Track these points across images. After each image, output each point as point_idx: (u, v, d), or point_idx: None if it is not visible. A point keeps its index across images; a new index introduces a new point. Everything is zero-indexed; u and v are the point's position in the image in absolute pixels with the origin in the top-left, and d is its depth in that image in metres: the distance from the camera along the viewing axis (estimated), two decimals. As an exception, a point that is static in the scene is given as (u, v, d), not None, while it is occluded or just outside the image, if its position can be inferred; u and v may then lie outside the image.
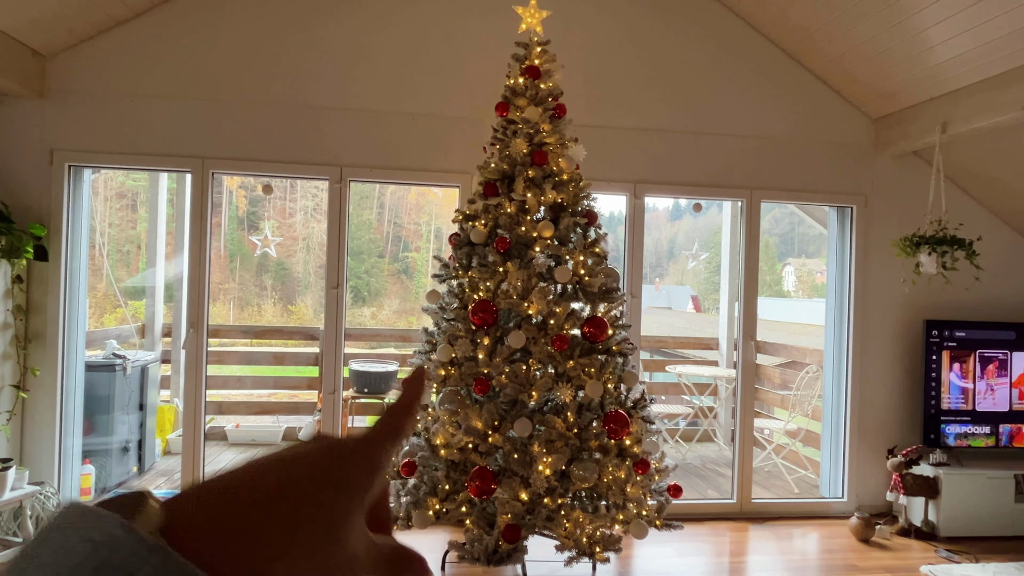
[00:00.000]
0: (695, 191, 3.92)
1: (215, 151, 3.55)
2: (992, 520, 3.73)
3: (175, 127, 3.53)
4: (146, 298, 5.38)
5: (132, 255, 17.42)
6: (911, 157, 4.07)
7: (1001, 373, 3.95)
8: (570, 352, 2.73)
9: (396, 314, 21.54)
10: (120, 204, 18.30)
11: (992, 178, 3.89)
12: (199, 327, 3.57)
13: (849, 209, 4.07)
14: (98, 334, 4.79)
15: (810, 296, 26.22)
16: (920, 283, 4.04)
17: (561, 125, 2.99)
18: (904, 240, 3.46)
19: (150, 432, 4.51)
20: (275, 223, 20.16)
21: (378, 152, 3.66)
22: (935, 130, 3.52)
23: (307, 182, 21.92)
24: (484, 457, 2.68)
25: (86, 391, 3.74)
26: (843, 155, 4.03)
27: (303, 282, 21.68)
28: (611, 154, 3.81)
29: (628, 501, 2.71)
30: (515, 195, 2.86)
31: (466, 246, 2.94)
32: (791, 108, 3.98)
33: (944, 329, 3.91)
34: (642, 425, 2.80)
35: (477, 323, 2.71)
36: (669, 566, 3.20)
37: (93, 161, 3.49)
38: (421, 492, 2.69)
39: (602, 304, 2.86)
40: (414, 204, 24.83)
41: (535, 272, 2.78)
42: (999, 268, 4.14)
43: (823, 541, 3.63)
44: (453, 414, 2.69)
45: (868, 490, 4.06)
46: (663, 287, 27.22)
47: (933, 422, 3.89)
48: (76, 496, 3.62)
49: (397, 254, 24.12)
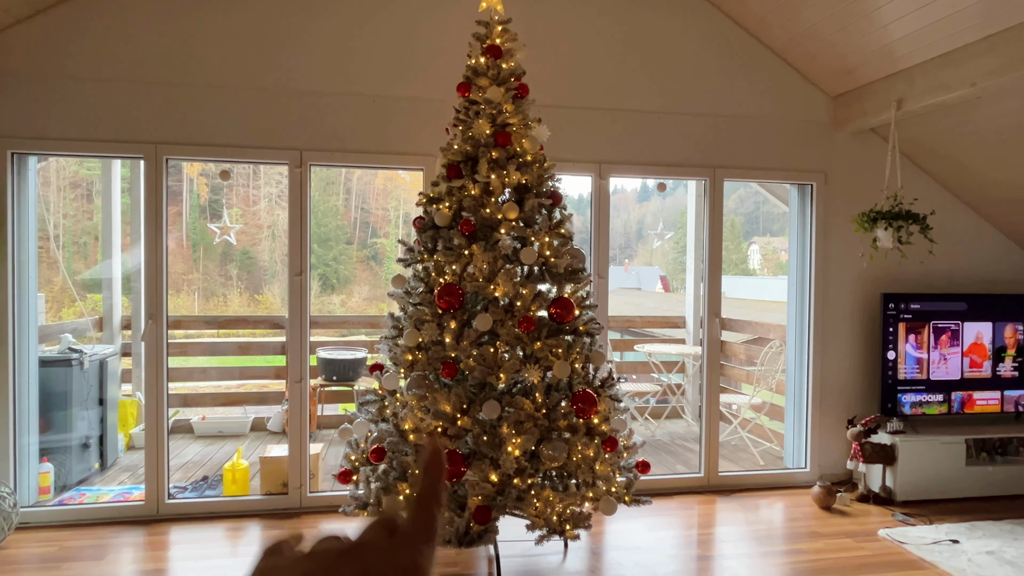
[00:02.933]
0: (660, 171, 3.94)
1: (169, 136, 3.43)
2: (945, 483, 3.88)
3: (125, 111, 3.40)
4: (103, 291, 5.22)
5: (89, 247, 16.86)
6: (869, 134, 4.16)
7: (953, 343, 4.10)
8: (537, 333, 2.74)
9: (366, 301, 21.32)
10: (74, 194, 17.64)
11: (944, 154, 3.99)
12: (158, 318, 3.48)
13: (809, 187, 4.15)
14: (53, 328, 4.63)
15: (775, 274, 26.77)
16: (877, 258, 4.15)
17: (524, 105, 2.96)
18: (862, 216, 3.54)
19: (111, 427, 4.40)
20: (238, 211, 19.70)
21: (339, 135, 3.58)
22: (891, 107, 3.59)
23: (270, 168, 21.43)
24: (453, 440, 2.67)
25: (41, 387, 3.62)
26: (803, 133, 4.09)
27: (270, 271, 21.28)
28: (575, 135, 3.80)
29: (597, 479, 2.75)
30: (479, 177, 2.84)
31: (431, 229, 2.91)
32: (753, 87, 4.02)
33: (900, 302, 4.03)
34: (610, 403, 2.83)
35: (443, 307, 2.69)
36: (639, 540, 3.27)
37: (38, 148, 3.35)
38: (391, 477, 2.68)
39: (568, 285, 2.87)
40: (382, 189, 24.51)
41: (501, 254, 2.77)
42: (951, 241, 4.27)
43: (787, 510, 3.74)
44: (421, 399, 2.68)
45: (830, 460, 4.19)
46: (632, 268, 27.50)
47: (890, 392, 4.02)
48: (34, 496, 3.52)
49: (366, 240, 23.82)
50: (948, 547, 3.20)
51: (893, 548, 3.22)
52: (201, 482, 4.05)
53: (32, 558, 3.00)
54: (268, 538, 0.29)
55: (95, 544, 3.15)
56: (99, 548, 3.11)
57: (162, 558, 3.01)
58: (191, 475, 4.25)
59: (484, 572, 2.92)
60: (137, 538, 3.23)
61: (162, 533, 3.29)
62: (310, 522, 3.45)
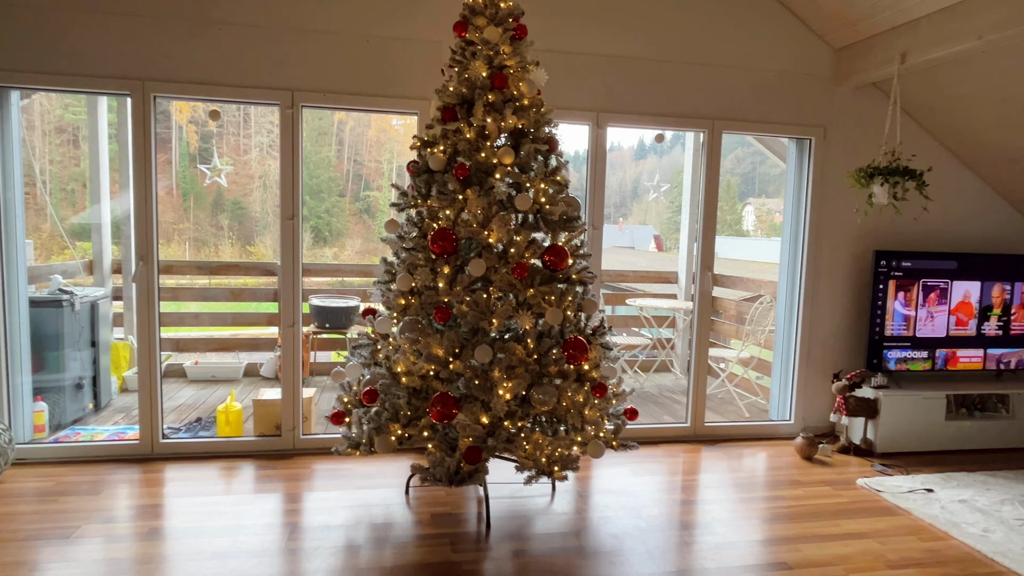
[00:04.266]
0: (658, 121, 3.88)
1: (156, 73, 3.34)
2: (924, 437, 3.99)
3: (112, 45, 3.29)
4: (92, 235, 5.16)
5: (77, 194, 16.59)
6: (870, 89, 4.10)
7: (941, 301, 4.14)
8: (530, 280, 2.74)
9: (359, 254, 21.23)
10: (60, 139, 17.26)
11: (945, 111, 3.95)
12: (149, 259, 3.45)
13: (808, 141, 4.11)
14: (42, 269, 4.59)
15: (768, 236, 26.81)
16: (872, 214, 4.16)
17: (522, 47, 2.89)
18: (859, 171, 3.52)
19: (104, 369, 4.41)
20: (228, 160, 19.35)
21: (331, 76, 3.49)
22: (895, 60, 3.53)
23: (260, 117, 20.97)
24: (445, 384, 2.71)
25: (33, 328, 3.61)
26: (805, 86, 4.03)
27: (261, 221, 21.08)
28: (573, 81, 3.73)
29: (586, 423, 2.80)
30: (475, 120, 2.79)
31: (424, 174, 2.88)
32: (756, 37, 3.93)
33: (892, 259, 4.05)
34: (600, 351, 2.86)
35: (437, 252, 2.68)
36: (625, 484, 3.35)
37: (20, 82, 3.24)
38: (383, 418, 2.72)
39: (563, 233, 2.86)
40: (375, 141, 24.11)
41: (495, 200, 2.75)
42: (946, 199, 4.27)
43: (770, 460, 3.84)
44: (414, 343, 2.70)
45: (813, 413, 4.28)
46: (626, 227, 27.44)
47: (876, 348, 4.08)
48: (29, 433, 3.55)
49: (358, 193, 23.56)
50: (923, 496, 3.31)
51: (870, 496, 3.33)
52: (195, 423, 4.10)
53: (30, 492, 3.05)
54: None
55: (91, 480, 3.21)
56: (95, 484, 3.16)
57: (158, 494, 3.07)
58: (184, 417, 4.29)
59: (473, 512, 3.00)
60: (132, 475, 3.29)
61: (157, 471, 3.35)
62: (303, 463, 3.52)
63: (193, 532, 2.70)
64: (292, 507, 2.98)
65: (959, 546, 2.81)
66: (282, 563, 2.49)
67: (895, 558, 2.69)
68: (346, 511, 2.95)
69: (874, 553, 2.72)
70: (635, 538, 2.79)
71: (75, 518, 2.79)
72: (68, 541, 2.60)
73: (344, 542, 2.67)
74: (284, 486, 3.21)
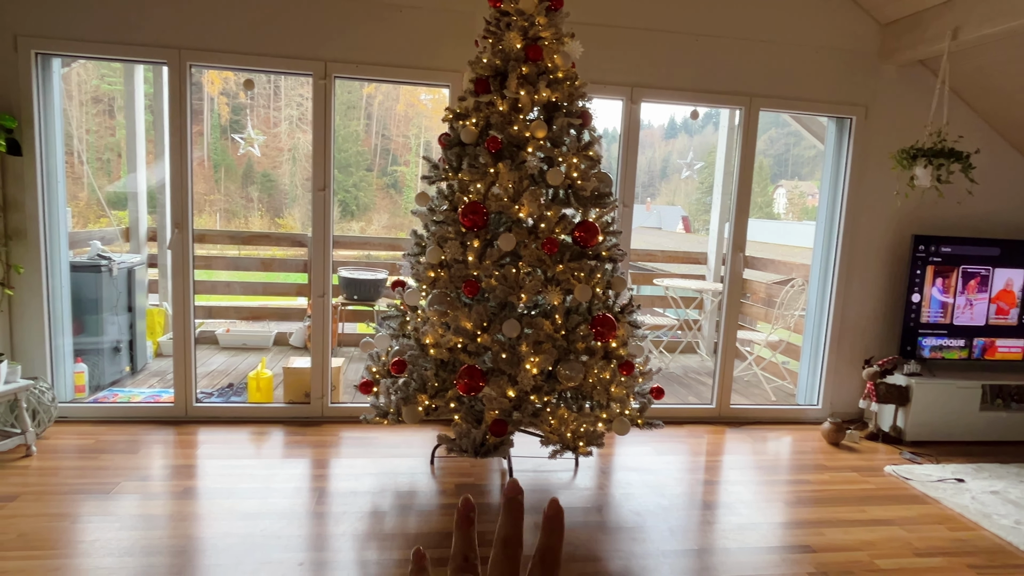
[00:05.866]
0: (694, 97, 3.80)
1: (193, 41, 3.36)
2: (957, 426, 3.91)
3: (150, 14, 3.31)
4: (129, 204, 5.27)
5: (113, 163, 16.92)
6: (916, 66, 3.95)
7: (982, 288, 4.02)
8: (560, 256, 2.73)
9: (385, 229, 21.36)
10: (96, 109, 17.57)
11: (997, 89, 3.79)
12: (184, 227, 3.51)
13: (848, 121, 3.99)
14: (82, 235, 4.71)
15: (800, 219, 26.25)
16: (912, 197, 4.03)
17: (557, 18, 2.84)
18: (901, 152, 3.41)
19: (140, 334, 4.54)
20: (259, 132, 19.55)
21: (364, 47, 3.48)
22: (946, 36, 3.39)
23: (290, 90, 21.06)
24: (473, 357, 2.72)
25: (73, 291, 3.72)
26: (847, 63, 3.90)
27: (290, 194, 21.30)
28: (608, 55, 3.66)
29: (612, 400, 2.80)
30: (508, 92, 2.76)
31: (456, 146, 2.87)
32: (797, 10, 3.80)
33: (931, 244, 3.94)
34: (628, 329, 2.84)
35: (467, 225, 2.68)
36: (648, 463, 3.36)
37: (62, 49, 3.30)
38: (411, 389, 2.76)
39: (594, 209, 2.83)
40: (403, 116, 24.08)
41: (527, 174, 2.73)
42: (992, 183, 4.12)
43: (796, 443, 3.81)
44: (442, 315, 2.72)
45: (842, 398, 4.22)
46: (654, 207, 27.09)
47: (911, 335, 3.99)
48: (70, 393, 3.68)
49: (386, 168, 23.63)
50: (953, 485, 3.26)
51: (898, 483, 3.28)
52: (227, 389, 4.21)
53: (71, 448, 3.18)
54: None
55: (129, 439, 3.32)
56: (132, 443, 3.27)
57: (191, 455, 3.17)
58: (216, 383, 4.40)
59: (497, 484, 3.04)
60: (167, 436, 3.39)
61: (190, 433, 3.45)
62: (331, 430, 3.59)
63: (225, 493, 2.79)
64: (320, 472, 3.05)
65: (990, 537, 2.77)
66: (310, 526, 2.56)
67: (922, 546, 2.66)
68: (372, 478, 3.01)
69: (900, 540, 2.69)
70: (657, 516, 2.80)
71: (114, 475, 2.90)
72: (108, 496, 2.70)
73: (370, 508, 2.73)
74: (312, 452, 3.28)
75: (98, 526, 2.46)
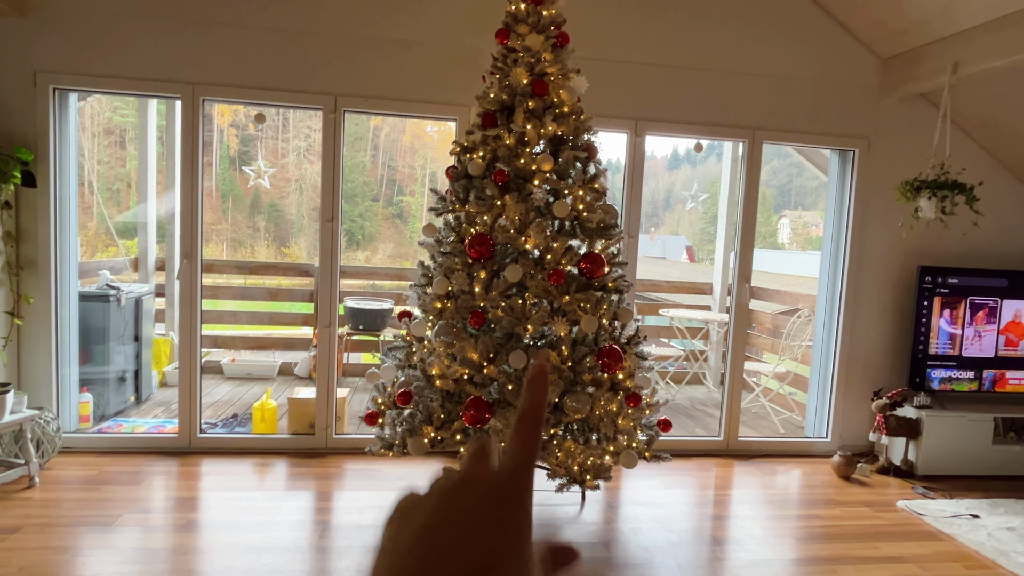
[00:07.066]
0: (697, 130, 3.85)
1: (206, 77, 3.44)
2: (969, 460, 3.85)
3: (164, 50, 3.40)
4: (138, 233, 5.33)
5: (123, 194, 17.15)
6: (918, 100, 4.00)
7: (990, 320, 4.00)
8: (566, 287, 2.74)
9: (391, 258, 21.47)
10: (108, 141, 17.87)
11: (998, 122, 3.83)
12: (192, 258, 3.55)
13: (851, 153, 4.02)
14: (91, 265, 4.75)
15: (804, 249, 26.27)
16: (917, 228, 4.04)
17: (563, 55, 2.90)
18: (905, 184, 3.43)
19: (146, 364, 4.54)
20: (269, 164, 19.81)
21: (373, 82, 3.55)
22: (946, 70, 3.44)
23: (299, 121, 21.40)
24: (479, 388, 2.71)
25: (81, 321, 3.74)
26: (849, 96, 3.95)
27: (296, 224, 21.49)
28: (612, 89, 3.72)
29: (619, 433, 2.77)
30: (514, 126, 2.80)
31: (463, 179, 2.90)
32: (799, 46, 3.87)
33: (938, 275, 3.93)
34: (635, 360, 2.83)
35: (474, 256, 2.70)
36: (655, 496, 3.31)
37: (79, 84, 3.38)
38: (416, 420, 2.74)
39: (600, 241, 2.85)
40: (409, 147, 24.40)
41: (533, 206, 2.75)
42: (997, 214, 4.13)
43: (805, 477, 3.75)
44: (449, 346, 2.71)
45: (852, 431, 4.17)
46: (658, 236, 27.19)
47: (919, 366, 3.96)
48: (75, 423, 3.67)
49: (392, 198, 23.85)
50: (968, 521, 3.19)
51: (911, 519, 3.22)
52: (231, 419, 4.19)
53: (75, 479, 3.15)
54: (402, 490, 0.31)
55: (132, 471, 3.30)
56: (136, 474, 3.25)
57: (194, 487, 3.14)
58: (221, 413, 4.39)
59: (503, 518, 2.99)
60: (171, 467, 3.37)
61: (194, 464, 3.43)
62: (335, 462, 3.56)
63: (227, 526, 2.76)
64: (323, 505, 3.01)
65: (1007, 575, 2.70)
66: (313, 560, 2.52)
67: (938, 584, 2.59)
68: (377, 511, 2.97)
69: (916, 578, 2.63)
70: (666, 551, 2.74)
71: (116, 507, 2.87)
72: (109, 529, 2.67)
73: (374, 542, 2.69)
74: (316, 484, 3.25)
75: (99, 559, 2.43)
